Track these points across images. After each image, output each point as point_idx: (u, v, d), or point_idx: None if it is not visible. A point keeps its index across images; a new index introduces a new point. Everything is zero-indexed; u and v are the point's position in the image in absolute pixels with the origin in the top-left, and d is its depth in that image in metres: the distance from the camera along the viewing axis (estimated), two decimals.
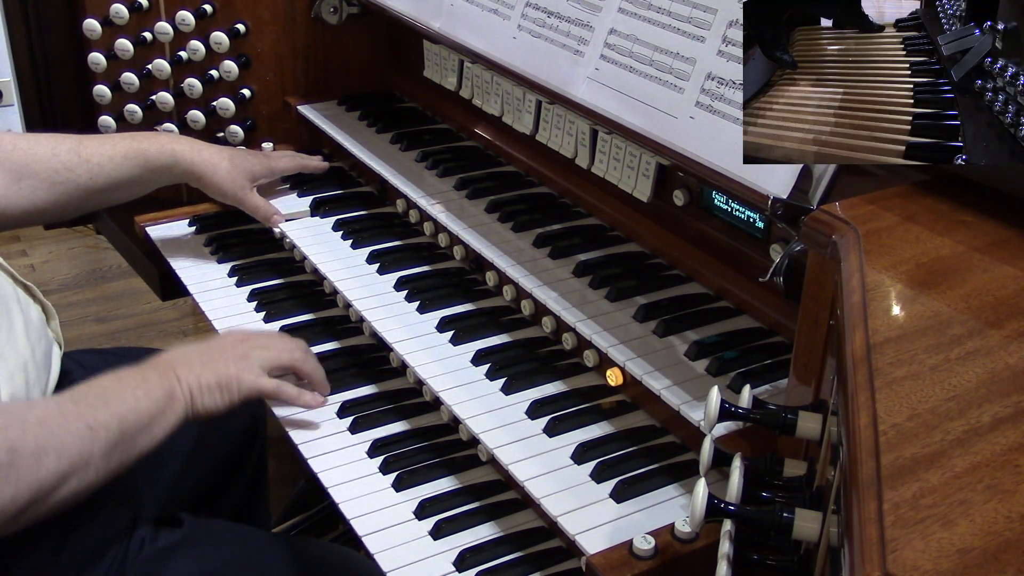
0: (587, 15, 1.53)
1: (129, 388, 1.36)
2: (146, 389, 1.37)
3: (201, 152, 1.88)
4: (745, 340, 1.45)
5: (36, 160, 1.70)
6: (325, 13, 2.20)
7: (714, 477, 1.24)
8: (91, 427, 1.26)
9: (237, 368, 1.48)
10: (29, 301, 1.50)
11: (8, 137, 1.71)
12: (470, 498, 1.44)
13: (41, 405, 1.31)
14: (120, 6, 2.17)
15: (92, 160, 1.75)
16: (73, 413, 1.27)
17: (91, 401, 1.30)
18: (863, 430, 0.74)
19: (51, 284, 3.74)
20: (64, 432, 1.23)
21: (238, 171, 1.92)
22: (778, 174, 1.21)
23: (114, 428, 1.29)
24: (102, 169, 1.76)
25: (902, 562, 0.63)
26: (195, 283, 1.93)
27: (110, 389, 1.34)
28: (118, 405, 1.32)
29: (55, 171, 1.71)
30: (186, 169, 1.87)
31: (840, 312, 0.91)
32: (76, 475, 1.24)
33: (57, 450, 1.21)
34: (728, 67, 1.31)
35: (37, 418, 1.23)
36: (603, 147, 1.63)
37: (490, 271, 1.72)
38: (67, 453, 1.22)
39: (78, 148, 1.75)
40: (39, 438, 1.20)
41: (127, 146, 1.81)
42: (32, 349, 1.42)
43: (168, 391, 1.39)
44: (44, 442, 1.20)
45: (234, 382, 1.47)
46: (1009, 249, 0.99)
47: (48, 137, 1.75)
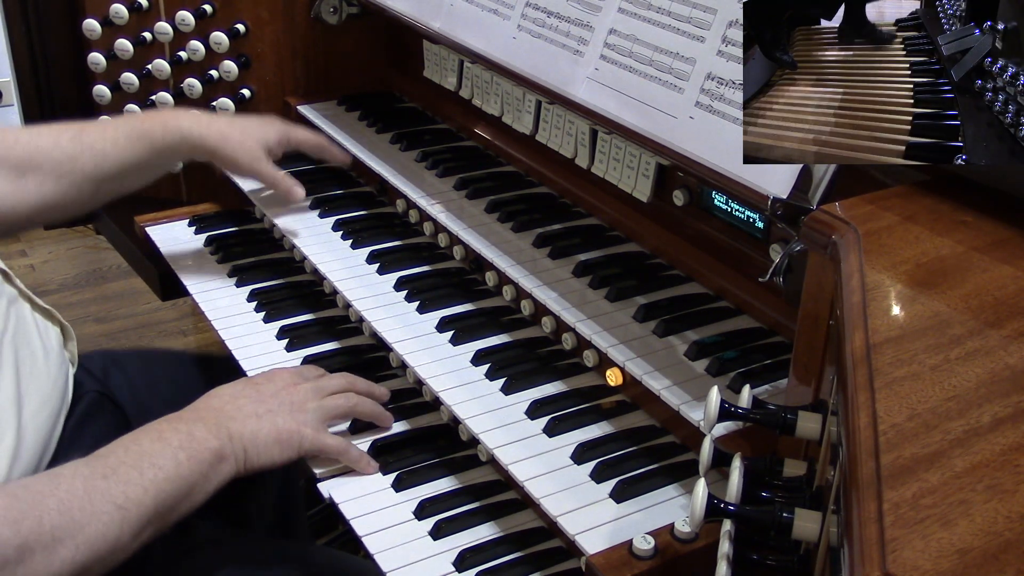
0: (587, 15, 1.53)
1: (170, 450, 1.24)
2: (190, 451, 1.25)
3: (210, 124, 1.77)
4: (745, 340, 1.45)
5: (38, 152, 1.62)
6: (325, 13, 2.20)
7: (714, 477, 1.24)
8: (121, 507, 1.16)
9: (296, 422, 1.39)
10: (48, 325, 1.46)
11: (9, 132, 1.65)
12: (470, 498, 1.43)
13: (67, 484, 1.16)
14: (120, 6, 2.17)
15: (95, 146, 1.67)
16: (102, 491, 1.16)
17: (124, 472, 1.19)
18: (863, 430, 0.74)
19: (51, 284, 3.74)
20: (88, 517, 1.13)
21: (251, 140, 1.81)
22: (778, 174, 1.21)
23: (149, 504, 1.18)
24: (106, 155, 1.68)
25: (902, 562, 0.63)
26: (195, 283, 1.93)
27: (148, 453, 1.22)
28: (155, 474, 1.20)
29: (59, 162, 1.63)
30: (195, 144, 1.76)
31: (840, 312, 0.91)
32: (100, 562, 1.15)
33: (76, 540, 1.11)
34: (728, 67, 1.31)
35: (59, 502, 1.12)
36: (603, 147, 1.63)
37: (490, 271, 1.72)
38: (89, 540, 1.12)
39: (80, 136, 1.67)
40: (57, 528, 1.10)
41: (130, 128, 1.72)
42: (53, 380, 1.39)
43: (216, 452, 1.29)
44: (63, 533, 1.10)
45: (295, 437, 1.37)
46: (1009, 249, 0.99)
47: (49, 128, 1.68)
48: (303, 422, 1.40)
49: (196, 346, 3.50)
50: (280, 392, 1.43)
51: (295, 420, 1.39)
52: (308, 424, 1.40)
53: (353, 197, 2.04)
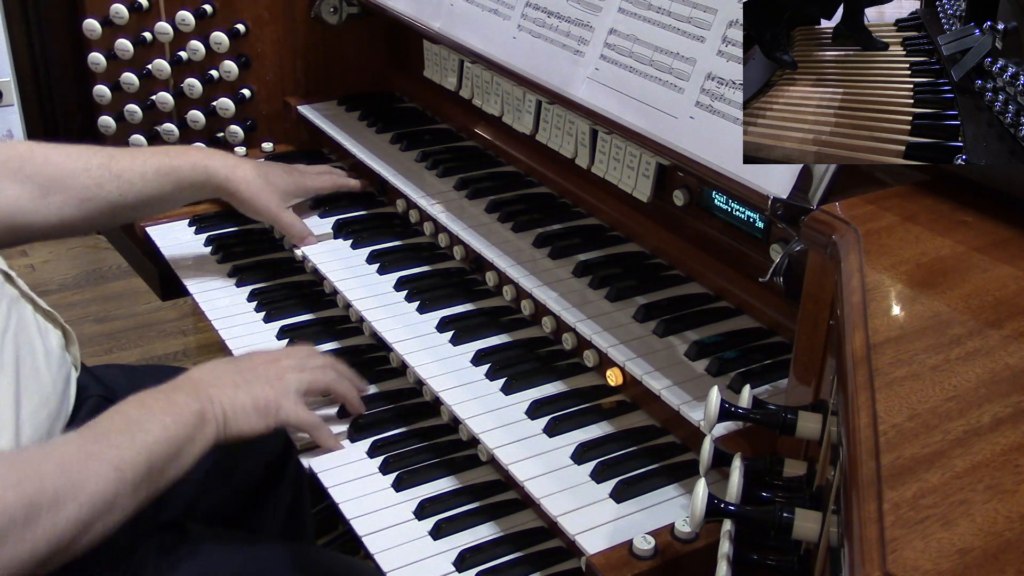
0: (587, 15, 1.53)
1: (156, 416, 1.28)
2: (174, 415, 1.30)
3: (235, 169, 1.83)
4: (745, 340, 1.45)
5: (66, 175, 1.65)
6: (325, 13, 2.20)
7: (714, 477, 1.24)
8: (117, 467, 1.19)
9: (275, 392, 1.43)
10: (49, 328, 1.47)
11: (40, 149, 1.67)
12: (470, 498, 1.43)
13: (61, 448, 1.21)
14: (120, 6, 2.17)
15: (123, 176, 1.70)
16: (96, 454, 1.19)
17: (115, 437, 1.23)
18: (863, 430, 0.74)
19: (51, 284, 3.74)
20: (87, 478, 1.16)
21: (272, 188, 1.86)
22: (778, 174, 1.21)
23: (142, 464, 1.22)
24: (133, 186, 1.71)
25: (902, 562, 0.63)
26: (195, 283, 1.93)
27: (135, 420, 1.27)
28: (144, 437, 1.24)
29: (85, 187, 1.66)
30: (219, 186, 1.82)
31: (840, 312, 0.91)
32: (101, 520, 1.18)
33: (79, 499, 1.14)
34: (728, 67, 1.31)
35: (57, 465, 1.15)
36: (603, 147, 1.63)
37: (490, 271, 1.72)
38: (90, 500, 1.16)
39: (109, 164, 1.70)
40: (59, 488, 1.13)
41: (159, 162, 1.76)
42: (53, 380, 1.40)
43: (198, 414, 1.33)
44: (65, 492, 1.13)
45: (272, 406, 1.42)
46: (1009, 249, 0.99)
47: (79, 151, 1.70)
48: (281, 393, 1.44)
49: (196, 346, 3.50)
50: (259, 366, 1.47)
51: (273, 390, 1.43)
52: (286, 395, 1.44)
53: (353, 197, 2.04)
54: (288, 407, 1.44)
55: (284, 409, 1.43)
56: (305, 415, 1.47)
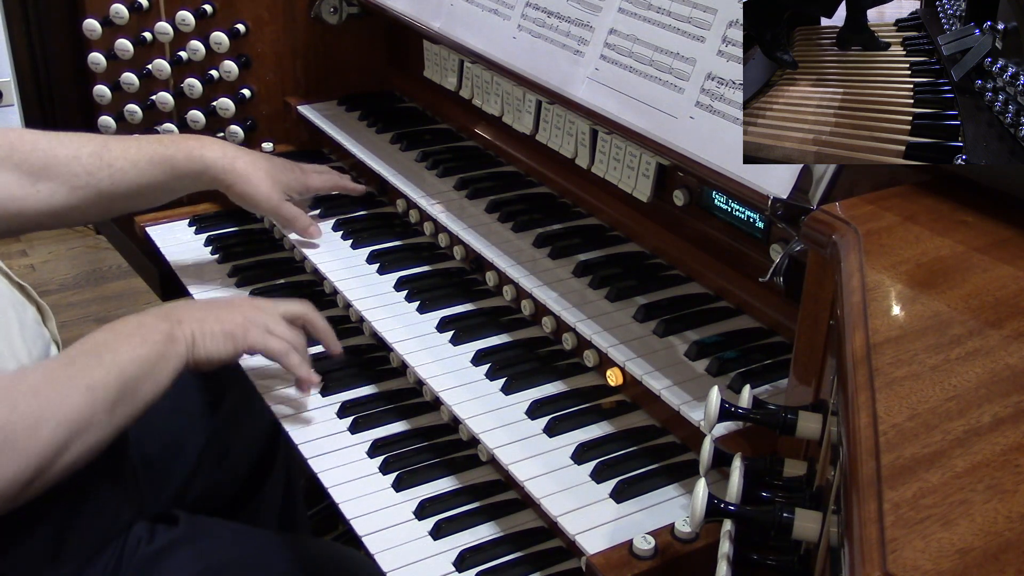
0: (587, 15, 1.53)
1: (124, 337, 1.31)
2: (143, 335, 1.33)
3: (235, 161, 1.78)
4: (745, 340, 1.45)
5: (56, 162, 1.63)
6: (325, 13, 2.20)
7: (714, 477, 1.24)
8: (89, 387, 1.23)
9: (245, 319, 1.45)
10: (24, 302, 1.49)
11: (29, 135, 1.65)
12: (470, 498, 1.44)
13: (32, 374, 1.25)
14: (120, 6, 2.17)
15: (115, 164, 1.67)
16: (67, 376, 1.23)
17: (85, 360, 1.26)
18: (863, 430, 0.74)
19: (51, 284, 3.74)
20: (60, 398, 1.20)
21: (272, 183, 1.81)
22: (778, 174, 1.21)
23: (113, 383, 1.25)
24: (125, 175, 1.68)
25: (902, 562, 0.63)
26: (195, 283, 1.93)
27: (104, 342, 1.30)
28: (115, 357, 1.28)
29: (75, 175, 1.64)
30: (216, 177, 1.77)
31: (840, 312, 0.91)
32: (79, 438, 1.21)
33: (54, 419, 1.18)
34: (728, 67, 1.31)
35: (29, 388, 1.19)
36: (603, 147, 1.63)
37: (490, 271, 1.72)
38: (66, 419, 1.19)
39: (101, 151, 1.67)
40: (33, 409, 1.17)
41: (153, 150, 1.72)
42: (28, 351, 1.41)
43: (166, 333, 1.35)
44: (39, 413, 1.17)
45: (239, 331, 1.43)
46: (1009, 249, 0.99)
47: (71, 138, 1.67)
48: (252, 320, 1.47)
49: None
50: (235, 302, 1.52)
51: (243, 317, 1.46)
52: (255, 324, 1.47)
53: (353, 197, 2.04)
54: (256, 333, 1.46)
55: (252, 335, 1.45)
56: (273, 341, 1.48)
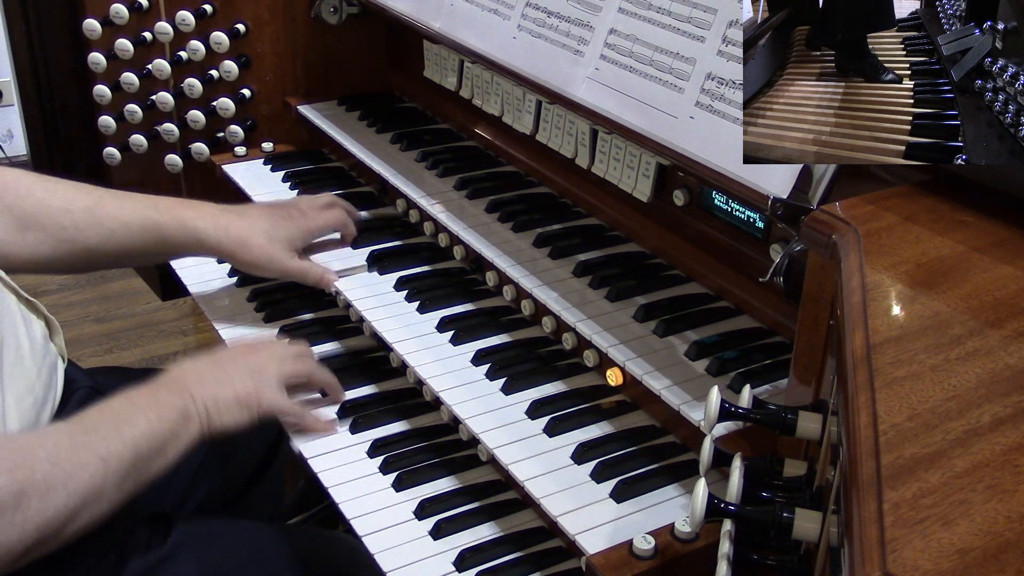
0: (587, 15, 1.53)
1: (141, 411, 1.32)
2: (158, 412, 1.33)
3: (228, 230, 1.70)
4: (745, 340, 1.45)
5: (47, 212, 1.59)
6: (325, 13, 2.20)
7: (714, 477, 1.24)
8: (104, 459, 1.23)
9: (255, 384, 1.45)
10: (32, 317, 1.48)
11: (26, 180, 1.61)
12: (470, 498, 1.44)
13: (52, 438, 1.25)
14: (120, 6, 2.17)
15: (105, 224, 1.63)
16: (85, 445, 1.23)
17: (103, 430, 1.27)
18: (863, 430, 0.74)
19: (51, 284, 3.74)
20: (75, 467, 1.20)
21: (272, 242, 1.73)
22: (778, 174, 1.21)
23: (127, 457, 1.26)
24: (113, 235, 1.65)
25: (902, 562, 0.63)
26: (195, 283, 1.93)
27: (122, 414, 1.31)
28: (131, 431, 1.28)
29: (63, 228, 1.60)
30: (210, 248, 1.72)
31: (840, 312, 0.91)
32: (87, 509, 1.21)
33: (67, 488, 1.18)
34: (728, 67, 1.31)
35: (47, 454, 1.19)
36: (603, 147, 1.63)
37: (490, 271, 1.72)
38: (78, 489, 1.19)
39: (94, 208, 1.63)
40: (49, 476, 1.17)
41: (145, 216, 1.66)
42: (38, 368, 1.40)
43: (182, 411, 1.36)
44: (54, 480, 1.17)
45: (253, 398, 1.44)
46: (1009, 249, 0.99)
47: (67, 188, 1.64)
48: (262, 383, 1.46)
49: (196, 346, 3.50)
50: (238, 358, 1.50)
51: (254, 382, 1.46)
52: (267, 386, 1.47)
53: (353, 197, 2.04)
54: (269, 396, 1.46)
55: (265, 399, 1.46)
56: (287, 403, 1.50)
